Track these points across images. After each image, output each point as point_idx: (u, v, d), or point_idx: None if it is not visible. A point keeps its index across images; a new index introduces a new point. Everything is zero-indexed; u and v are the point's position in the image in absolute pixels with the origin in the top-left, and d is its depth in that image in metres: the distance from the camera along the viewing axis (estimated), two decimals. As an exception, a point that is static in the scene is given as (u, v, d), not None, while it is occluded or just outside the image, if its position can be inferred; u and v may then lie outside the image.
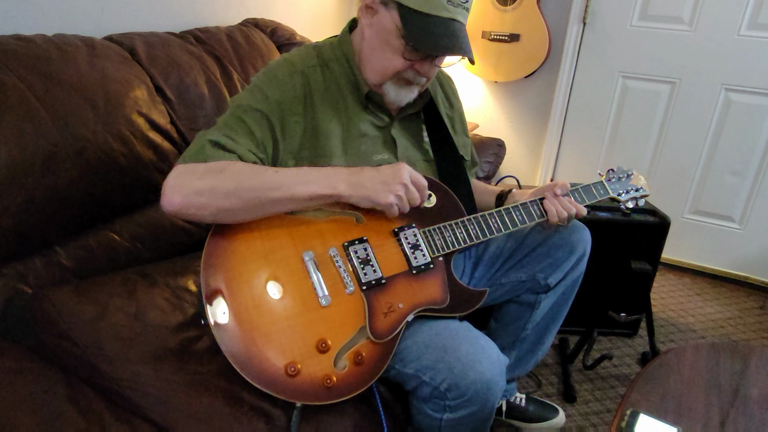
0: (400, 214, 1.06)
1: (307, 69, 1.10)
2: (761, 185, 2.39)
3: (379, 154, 1.15)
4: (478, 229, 1.14)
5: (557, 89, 2.61)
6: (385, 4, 1.03)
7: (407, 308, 1.04)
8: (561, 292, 1.34)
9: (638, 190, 1.34)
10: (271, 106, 1.05)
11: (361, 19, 1.10)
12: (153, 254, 1.36)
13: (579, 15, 2.47)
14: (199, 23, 1.84)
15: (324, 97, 1.10)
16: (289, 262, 1.01)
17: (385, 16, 1.04)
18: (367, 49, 1.09)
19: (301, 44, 1.98)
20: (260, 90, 1.06)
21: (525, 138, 2.78)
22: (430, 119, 1.23)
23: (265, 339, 0.95)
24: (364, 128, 1.14)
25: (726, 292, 2.47)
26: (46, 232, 1.16)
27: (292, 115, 1.06)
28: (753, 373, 1.15)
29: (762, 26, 2.22)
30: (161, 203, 0.95)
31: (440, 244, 1.11)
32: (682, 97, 2.43)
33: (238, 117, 1.03)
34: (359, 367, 0.98)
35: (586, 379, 1.81)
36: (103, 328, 1.01)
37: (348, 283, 1.02)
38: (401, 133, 1.20)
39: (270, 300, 0.97)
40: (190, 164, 0.97)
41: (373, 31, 1.07)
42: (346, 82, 1.13)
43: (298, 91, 1.08)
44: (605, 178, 1.32)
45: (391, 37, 1.04)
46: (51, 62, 1.18)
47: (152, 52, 1.45)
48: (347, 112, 1.12)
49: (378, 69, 1.08)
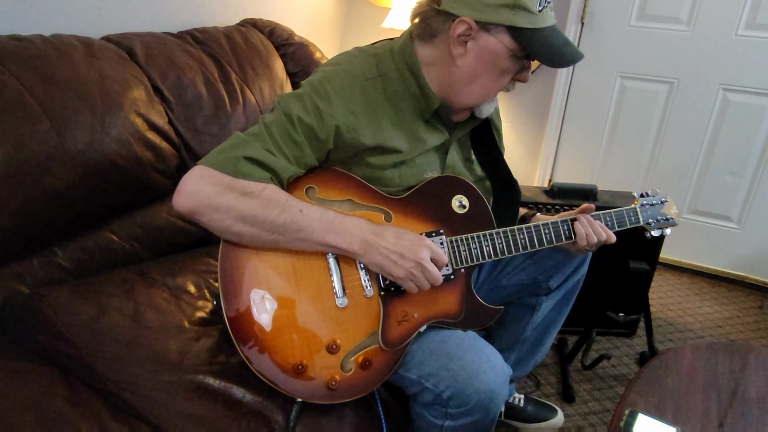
0: (430, 219, 1.06)
1: (366, 81, 1.03)
2: (759, 185, 2.39)
3: (430, 172, 1.11)
4: (505, 244, 1.11)
5: (555, 89, 2.61)
6: (486, 30, 0.98)
7: (421, 318, 1.04)
8: (562, 295, 1.34)
9: (668, 219, 1.30)
10: (324, 120, 0.98)
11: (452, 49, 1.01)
12: (151, 254, 1.36)
13: (577, 15, 2.47)
14: (198, 23, 1.84)
15: (382, 111, 1.04)
16: (310, 258, 1.00)
17: (489, 41, 0.99)
18: (466, 77, 1.03)
19: (302, 44, 1.99)
20: (312, 101, 0.98)
21: (523, 138, 2.78)
22: (478, 139, 1.20)
23: (278, 333, 0.95)
24: (424, 143, 1.09)
25: (724, 291, 2.47)
26: (44, 233, 1.15)
27: (349, 130, 1.00)
28: (751, 372, 1.15)
29: (760, 26, 2.22)
30: (173, 200, 0.93)
31: (465, 255, 1.08)
32: (680, 97, 2.43)
33: (286, 131, 0.97)
34: (365, 371, 0.98)
35: (585, 379, 1.81)
36: (100, 330, 1.01)
37: (367, 287, 1.01)
38: (456, 150, 1.17)
39: (287, 295, 0.97)
40: (217, 173, 0.92)
41: (471, 58, 1.01)
42: (406, 93, 1.07)
43: (357, 105, 1.01)
44: (639, 204, 1.27)
45: (500, 60, 1.00)
46: (49, 62, 1.18)
47: (150, 53, 1.45)
48: (409, 124, 1.07)
49: (482, 93, 1.05)
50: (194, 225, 1.45)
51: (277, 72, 1.85)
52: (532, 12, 0.96)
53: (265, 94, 1.74)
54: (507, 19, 0.96)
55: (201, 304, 1.17)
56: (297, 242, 0.96)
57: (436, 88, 1.06)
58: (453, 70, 1.03)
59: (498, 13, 0.96)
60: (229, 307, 0.94)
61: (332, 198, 1.02)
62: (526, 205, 1.81)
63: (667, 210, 1.31)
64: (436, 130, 1.11)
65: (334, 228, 0.96)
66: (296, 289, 0.98)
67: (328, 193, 1.02)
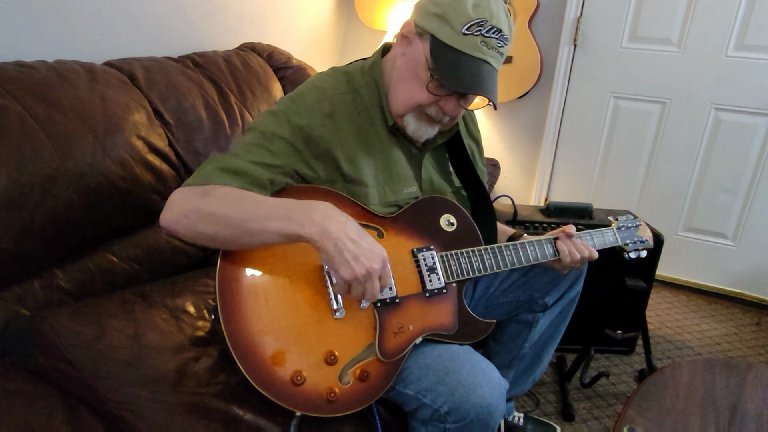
0: (420, 236, 1.08)
1: (337, 96, 1.07)
2: (753, 202, 2.42)
3: (409, 187, 1.14)
4: (494, 259, 1.15)
5: (550, 109, 2.65)
6: (420, 35, 1.02)
7: (417, 331, 1.05)
8: (558, 311, 1.35)
9: (644, 242, 1.38)
10: (296, 132, 1.02)
11: (395, 47, 1.10)
12: (151, 275, 1.37)
13: (570, 37, 2.52)
14: (198, 48, 1.87)
15: (354, 125, 1.08)
16: (308, 269, 1.01)
17: (417, 47, 1.03)
18: (396, 78, 1.08)
19: (300, 67, 2.03)
20: (285, 116, 1.03)
21: (519, 158, 2.81)
22: (454, 151, 1.23)
23: (275, 344, 0.95)
24: (396, 156, 1.13)
25: (721, 308, 2.48)
26: (46, 255, 1.16)
27: (321, 142, 1.03)
28: (749, 389, 1.15)
29: (748, 47, 2.27)
30: (159, 221, 0.96)
31: (456, 270, 1.11)
32: (673, 117, 2.47)
33: (260, 144, 1.00)
34: (363, 383, 0.99)
35: (584, 397, 1.81)
36: (101, 350, 1.01)
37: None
38: (431, 163, 1.20)
39: (285, 307, 0.98)
40: (187, 187, 0.97)
41: (404, 60, 1.06)
42: (375, 107, 1.11)
43: (326, 119, 1.05)
44: (615, 226, 1.36)
45: (420, 69, 1.03)
46: (51, 88, 1.20)
47: (151, 77, 1.48)
48: (379, 140, 1.11)
49: (402, 99, 1.07)
50: (193, 246, 1.46)
51: (276, 94, 1.88)
52: (455, 30, 0.98)
53: (264, 116, 1.77)
54: (433, 28, 1.00)
55: (200, 324, 1.18)
56: (259, 236, 0.91)
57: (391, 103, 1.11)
58: (393, 72, 1.08)
59: (430, 20, 1.01)
60: (227, 320, 0.95)
61: None
62: (522, 224, 1.83)
63: (642, 232, 1.39)
64: (407, 143, 1.15)
65: (289, 215, 0.89)
66: (294, 301, 0.98)
67: None
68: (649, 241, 1.38)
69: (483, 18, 0.98)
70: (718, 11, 2.27)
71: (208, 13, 1.94)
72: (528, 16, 2.52)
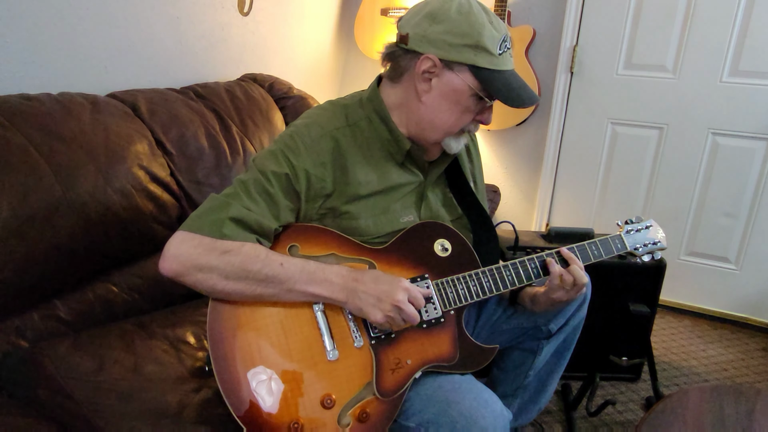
0: (413, 265, 1.08)
1: (336, 131, 1.08)
2: (754, 226, 2.42)
3: (406, 216, 1.14)
4: (492, 282, 1.12)
5: (549, 136, 2.67)
6: (450, 68, 1.04)
7: (415, 364, 1.03)
8: (563, 338, 1.33)
9: (656, 243, 1.30)
10: (297, 172, 1.03)
11: (410, 84, 1.08)
12: (151, 305, 1.36)
13: (566, 65, 2.56)
14: (200, 79, 1.90)
15: (353, 159, 1.08)
16: (298, 312, 1.00)
17: (452, 79, 1.04)
18: (429, 112, 1.08)
19: (300, 97, 2.05)
20: (284, 155, 1.03)
21: (519, 184, 2.82)
22: (453, 177, 1.24)
23: (270, 395, 0.94)
24: (398, 185, 1.13)
25: (727, 333, 2.45)
26: (45, 285, 1.16)
27: (319, 180, 1.05)
28: (759, 415, 1.13)
29: (743, 73, 2.30)
30: (159, 265, 0.95)
31: (453, 297, 1.09)
32: (670, 142, 2.49)
33: (261, 186, 1.01)
34: (363, 424, 0.97)
35: (591, 426, 1.78)
36: (100, 383, 1.00)
37: (356, 337, 1.01)
38: (433, 191, 1.20)
39: (277, 353, 0.97)
40: (198, 236, 0.96)
41: (436, 94, 1.06)
42: (377, 140, 1.12)
43: (327, 155, 1.06)
44: (623, 231, 1.28)
45: (463, 97, 1.05)
46: (55, 120, 1.22)
47: (153, 108, 1.49)
48: (381, 169, 1.11)
49: (445, 128, 1.09)
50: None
51: (277, 124, 1.90)
52: (492, 54, 1.03)
53: (266, 145, 1.78)
54: (469, 58, 1.02)
55: (200, 354, 1.17)
56: (282, 294, 0.98)
57: (405, 130, 1.11)
58: (419, 106, 1.08)
59: (461, 52, 1.02)
60: (220, 371, 0.94)
61: (316, 254, 1.05)
62: (524, 250, 1.82)
63: (653, 234, 1.31)
64: (411, 173, 1.15)
65: (315, 278, 0.98)
66: (286, 346, 0.98)
67: (310, 249, 1.05)
68: (662, 242, 1.30)
69: (502, 33, 1.04)
70: (712, 38, 2.31)
71: (210, 45, 1.97)
72: (525, 45, 2.56)
